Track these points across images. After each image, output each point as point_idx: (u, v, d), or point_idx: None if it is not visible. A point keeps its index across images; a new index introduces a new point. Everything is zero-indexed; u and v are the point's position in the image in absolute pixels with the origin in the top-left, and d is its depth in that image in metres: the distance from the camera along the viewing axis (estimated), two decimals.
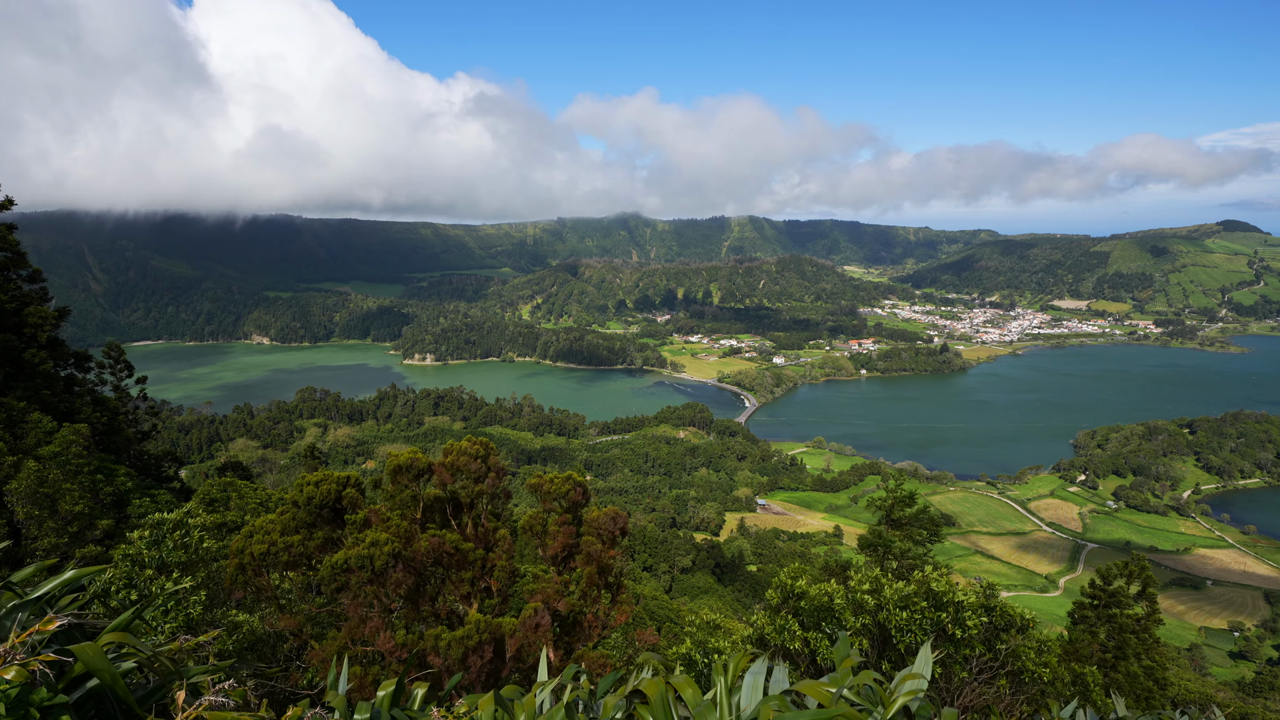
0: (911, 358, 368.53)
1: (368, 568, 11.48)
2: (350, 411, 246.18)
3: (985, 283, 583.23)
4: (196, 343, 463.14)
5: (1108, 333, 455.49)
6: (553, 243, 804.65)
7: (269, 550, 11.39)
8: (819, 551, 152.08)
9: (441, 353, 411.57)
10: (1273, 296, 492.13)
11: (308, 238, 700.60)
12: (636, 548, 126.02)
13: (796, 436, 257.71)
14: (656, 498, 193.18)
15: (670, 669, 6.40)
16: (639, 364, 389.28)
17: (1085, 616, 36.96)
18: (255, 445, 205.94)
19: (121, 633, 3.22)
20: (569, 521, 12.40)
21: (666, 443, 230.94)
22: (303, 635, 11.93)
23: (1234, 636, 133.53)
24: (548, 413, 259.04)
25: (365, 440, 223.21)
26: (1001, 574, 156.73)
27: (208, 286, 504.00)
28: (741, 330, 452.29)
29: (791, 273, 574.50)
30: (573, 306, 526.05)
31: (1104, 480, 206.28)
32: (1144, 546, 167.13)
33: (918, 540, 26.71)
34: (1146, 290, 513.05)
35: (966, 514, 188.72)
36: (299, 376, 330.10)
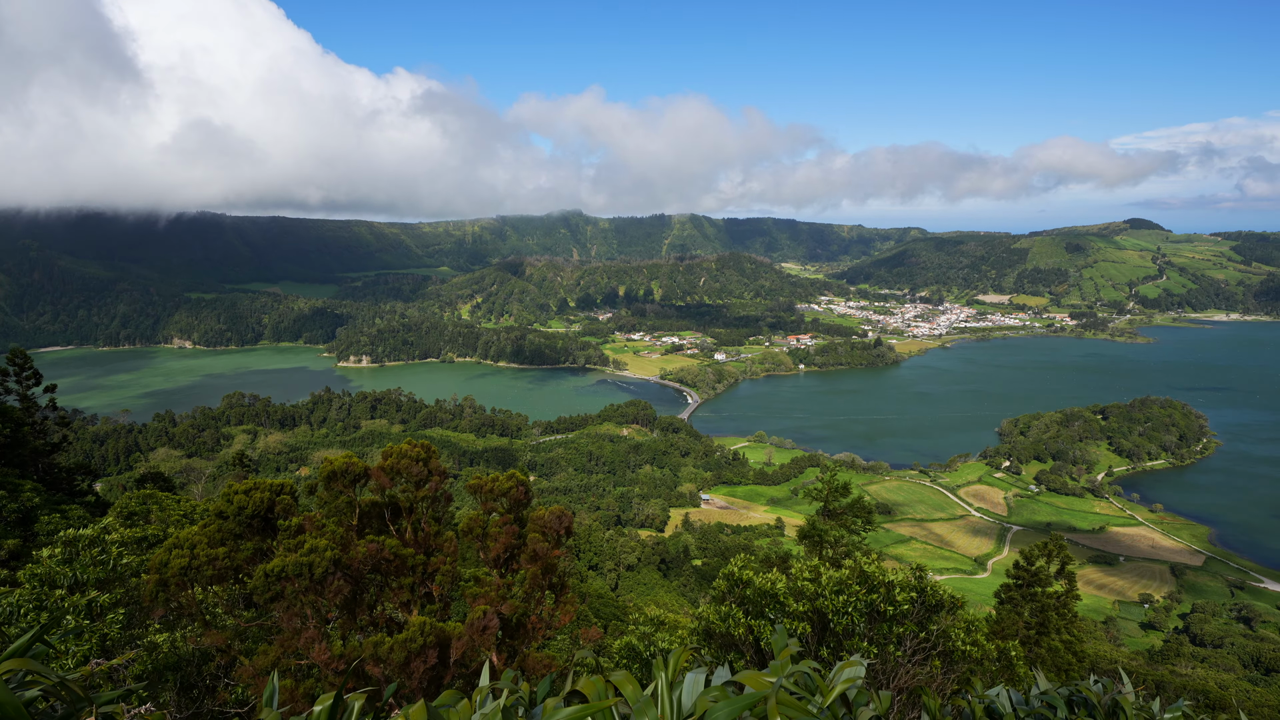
0: (847, 352, 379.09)
1: (306, 575, 11.09)
2: (282, 417, 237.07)
3: (916, 278, 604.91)
4: (111, 348, 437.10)
5: (1028, 325, 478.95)
6: (493, 241, 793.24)
7: (192, 564, 10.87)
8: (762, 544, 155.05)
9: (378, 354, 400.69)
10: (1174, 290, 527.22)
11: (232, 236, 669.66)
12: (582, 546, 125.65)
13: (739, 431, 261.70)
14: (601, 496, 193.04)
15: (605, 666, 6.42)
16: (581, 362, 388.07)
17: (1011, 596, 38.90)
18: (179, 455, 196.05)
19: (21, 659, 2.99)
20: (511, 522, 12.27)
21: (610, 441, 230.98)
22: (231, 651, 11.45)
23: (1144, 608, 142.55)
24: (490, 413, 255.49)
25: (298, 446, 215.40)
26: (934, 558, 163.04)
27: (123, 288, 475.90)
28: (683, 327, 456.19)
29: (731, 270, 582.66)
30: (514, 306, 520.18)
31: (1027, 465, 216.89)
32: (1063, 527, 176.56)
33: (852, 529, 27.55)
34: (1062, 285, 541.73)
35: (901, 501, 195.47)
36: (231, 381, 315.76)
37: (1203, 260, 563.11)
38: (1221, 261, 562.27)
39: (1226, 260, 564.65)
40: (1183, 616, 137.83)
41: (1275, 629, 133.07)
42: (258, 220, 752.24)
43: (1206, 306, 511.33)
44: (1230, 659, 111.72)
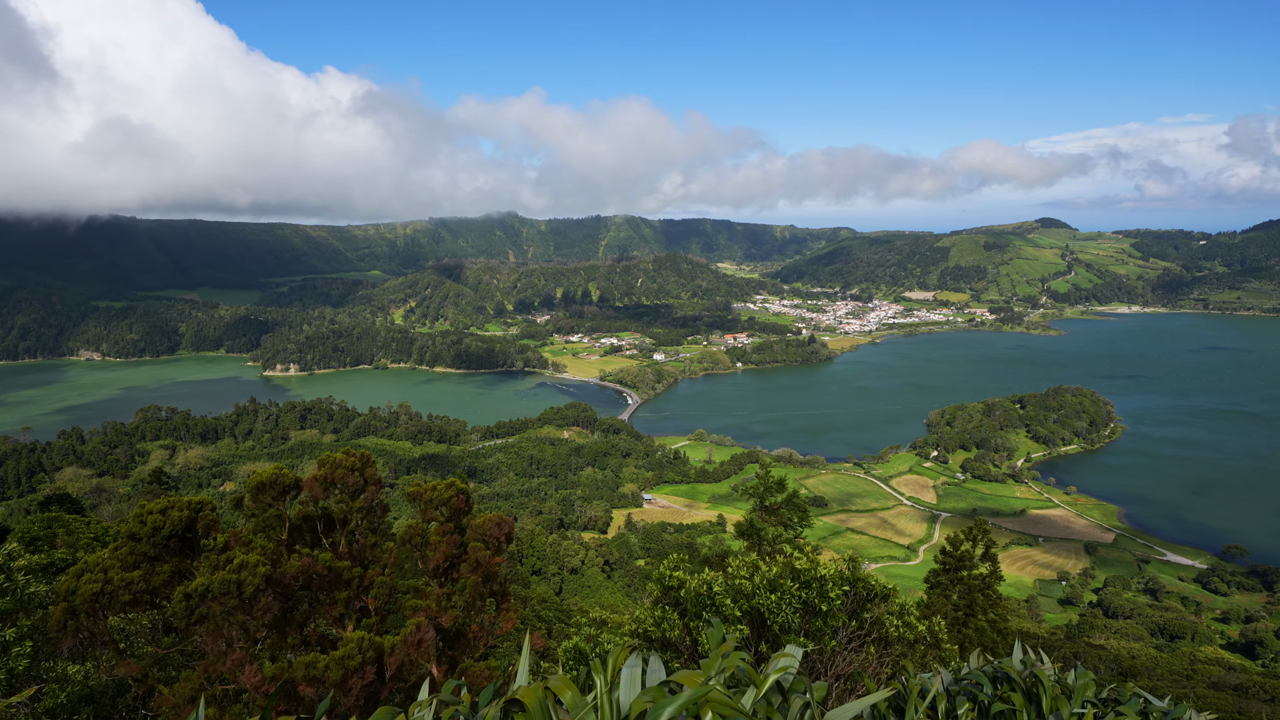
0: (782, 349, 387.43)
1: (234, 594, 10.58)
2: (203, 430, 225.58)
3: (847, 277, 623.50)
4: (10, 362, 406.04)
5: (951, 320, 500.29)
6: (428, 244, 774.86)
7: (105, 589, 10.23)
8: (704, 541, 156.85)
9: (307, 362, 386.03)
10: (1081, 285, 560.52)
11: (145, 241, 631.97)
12: (525, 552, 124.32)
13: (679, 430, 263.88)
14: (543, 500, 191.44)
15: (548, 670, 6.39)
16: (520, 366, 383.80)
17: (939, 580, 40.53)
18: (88, 474, 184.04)
19: None
20: (451, 531, 12.03)
21: (551, 444, 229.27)
22: (149, 680, 10.82)
23: (1062, 585, 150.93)
24: (426, 420, 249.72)
25: (222, 460, 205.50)
26: (869, 548, 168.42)
27: (21, 297, 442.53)
28: (622, 328, 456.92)
29: (668, 270, 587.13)
30: (449, 309, 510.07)
31: (953, 455, 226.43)
32: (988, 511, 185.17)
33: (788, 523, 28.19)
34: (982, 281, 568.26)
35: (837, 494, 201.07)
36: (150, 394, 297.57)
37: (1106, 257, 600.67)
38: (1123, 258, 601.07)
39: (1127, 256, 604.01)
40: (1096, 591, 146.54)
41: (1177, 599, 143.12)
42: (174, 224, 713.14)
43: (1111, 300, 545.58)
44: (1139, 629, 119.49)
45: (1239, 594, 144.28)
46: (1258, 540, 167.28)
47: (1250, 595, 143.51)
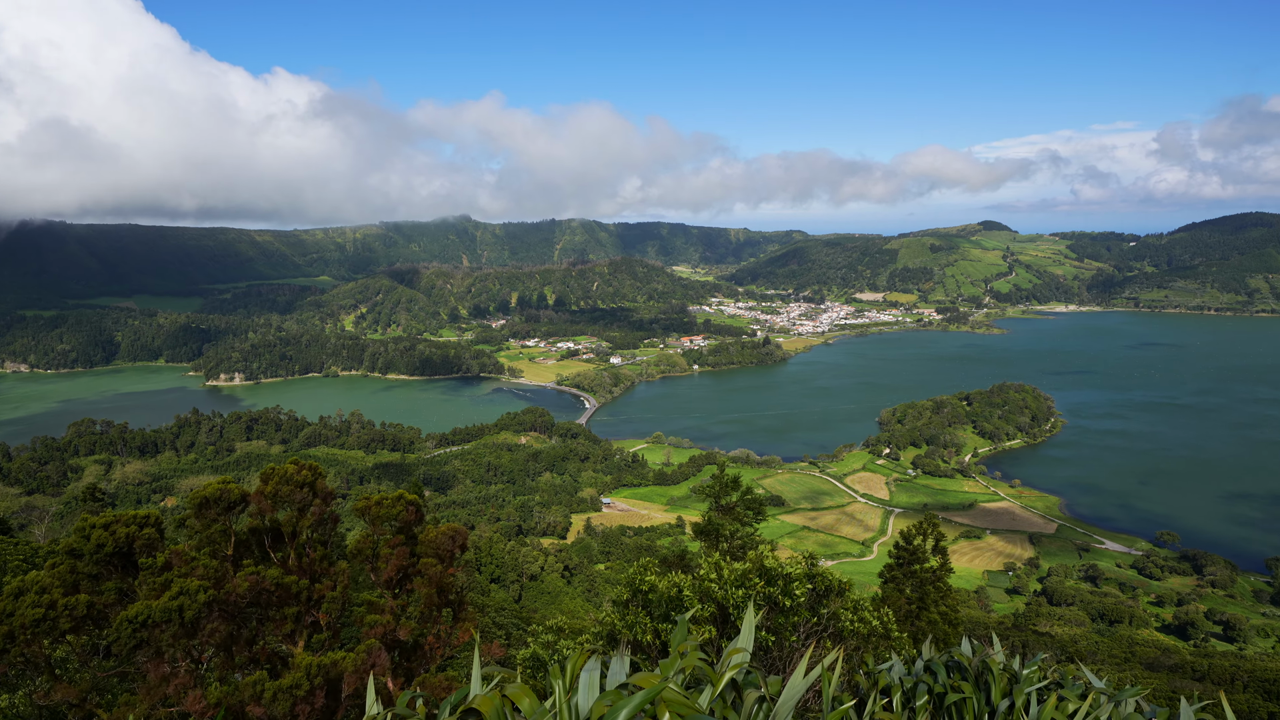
0: (738, 351, 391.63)
1: (175, 620, 10.15)
2: (142, 443, 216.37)
3: (800, 279, 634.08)
4: None
5: (900, 321, 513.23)
6: (380, 249, 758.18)
7: (46, 615, 9.71)
8: (664, 543, 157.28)
9: (253, 371, 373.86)
10: (1022, 285, 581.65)
11: (76, 247, 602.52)
12: (483, 560, 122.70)
13: (637, 433, 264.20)
14: (501, 506, 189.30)
15: (507, 678, 6.32)
16: (476, 371, 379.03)
17: (893, 575, 41.53)
18: (16, 492, 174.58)
19: None
20: (402, 543, 11.79)
21: (508, 450, 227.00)
22: (86, 706, 10.32)
23: (1009, 576, 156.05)
24: (379, 428, 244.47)
25: (163, 475, 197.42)
26: (825, 544, 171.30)
27: None
28: (578, 332, 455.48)
29: (624, 274, 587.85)
30: (401, 315, 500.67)
31: (904, 451, 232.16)
32: (938, 506, 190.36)
33: (745, 521, 28.49)
34: (929, 282, 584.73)
35: (793, 493, 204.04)
36: (88, 407, 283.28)
37: (1045, 258, 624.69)
38: (1060, 259, 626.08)
39: (1064, 257, 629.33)
40: (1041, 580, 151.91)
41: (1115, 585, 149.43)
42: (109, 229, 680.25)
43: (1049, 299, 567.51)
44: (1081, 614, 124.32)
45: (1172, 578, 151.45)
46: (1191, 525, 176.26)
47: (1182, 579, 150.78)
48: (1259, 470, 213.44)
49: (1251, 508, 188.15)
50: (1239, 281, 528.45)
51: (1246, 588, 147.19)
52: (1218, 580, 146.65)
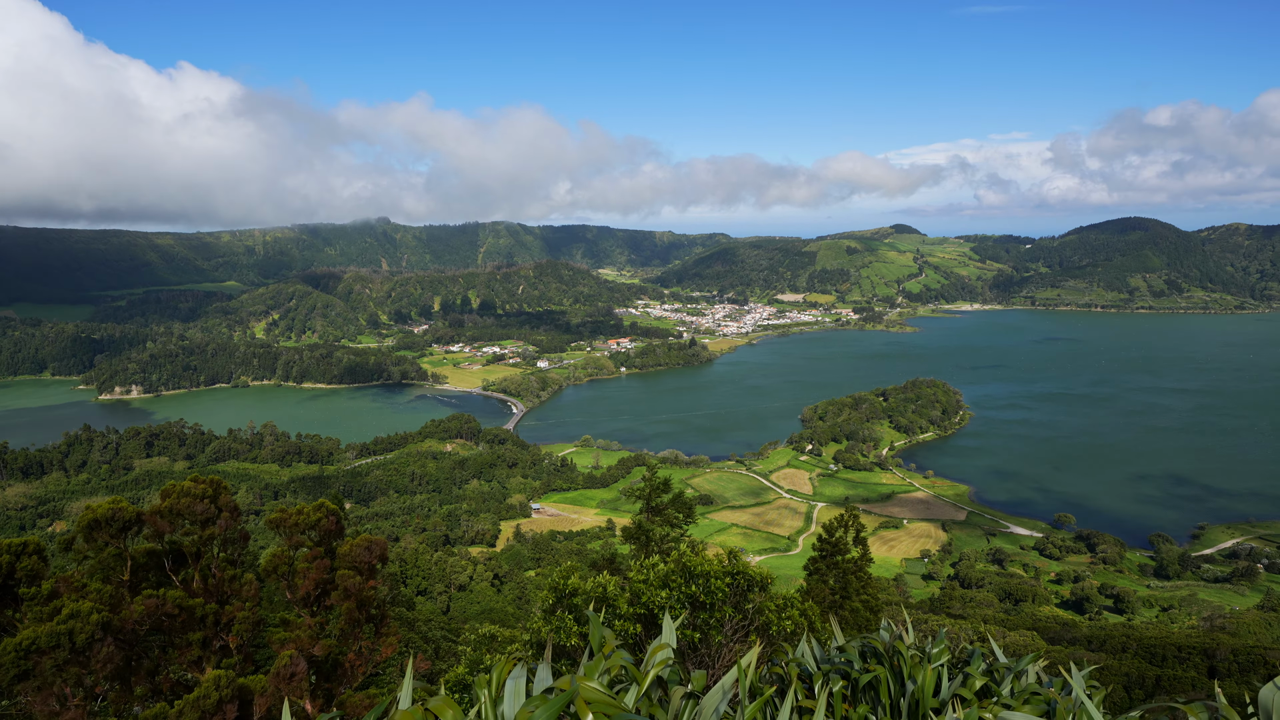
0: (665, 353, 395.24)
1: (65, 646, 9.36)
2: (25, 464, 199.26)
3: (724, 281, 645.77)
4: None
5: (820, 320, 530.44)
6: (295, 252, 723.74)
7: None
8: (595, 546, 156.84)
9: (152, 383, 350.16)
10: (932, 285, 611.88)
11: None
12: (409, 572, 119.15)
13: (565, 437, 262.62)
14: (427, 516, 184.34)
15: (431, 691, 6.18)
16: (398, 378, 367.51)
17: (817, 567, 42.87)
18: None
19: None
20: (321, 556, 11.30)
21: (434, 458, 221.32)
22: None
23: (924, 562, 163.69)
24: (295, 440, 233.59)
25: (50, 498, 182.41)
26: (753, 541, 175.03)
27: None
28: (504, 336, 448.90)
29: (550, 277, 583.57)
30: (317, 321, 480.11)
31: (826, 447, 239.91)
32: (858, 499, 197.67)
33: (675, 523, 28.79)
34: (845, 283, 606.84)
35: (721, 491, 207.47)
36: None
37: (951, 260, 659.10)
38: (964, 260, 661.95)
39: (968, 259, 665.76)
40: (954, 565, 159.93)
41: (1020, 566, 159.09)
42: None
43: (956, 299, 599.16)
44: (990, 596, 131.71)
45: (1069, 557, 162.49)
46: (1094, 506, 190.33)
47: (1078, 557, 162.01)
48: (1149, 453, 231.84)
49: (1150, 487, 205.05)
50: (1121, 281, 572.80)
51: (1134, 562, 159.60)
52: (1108, 557, 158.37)
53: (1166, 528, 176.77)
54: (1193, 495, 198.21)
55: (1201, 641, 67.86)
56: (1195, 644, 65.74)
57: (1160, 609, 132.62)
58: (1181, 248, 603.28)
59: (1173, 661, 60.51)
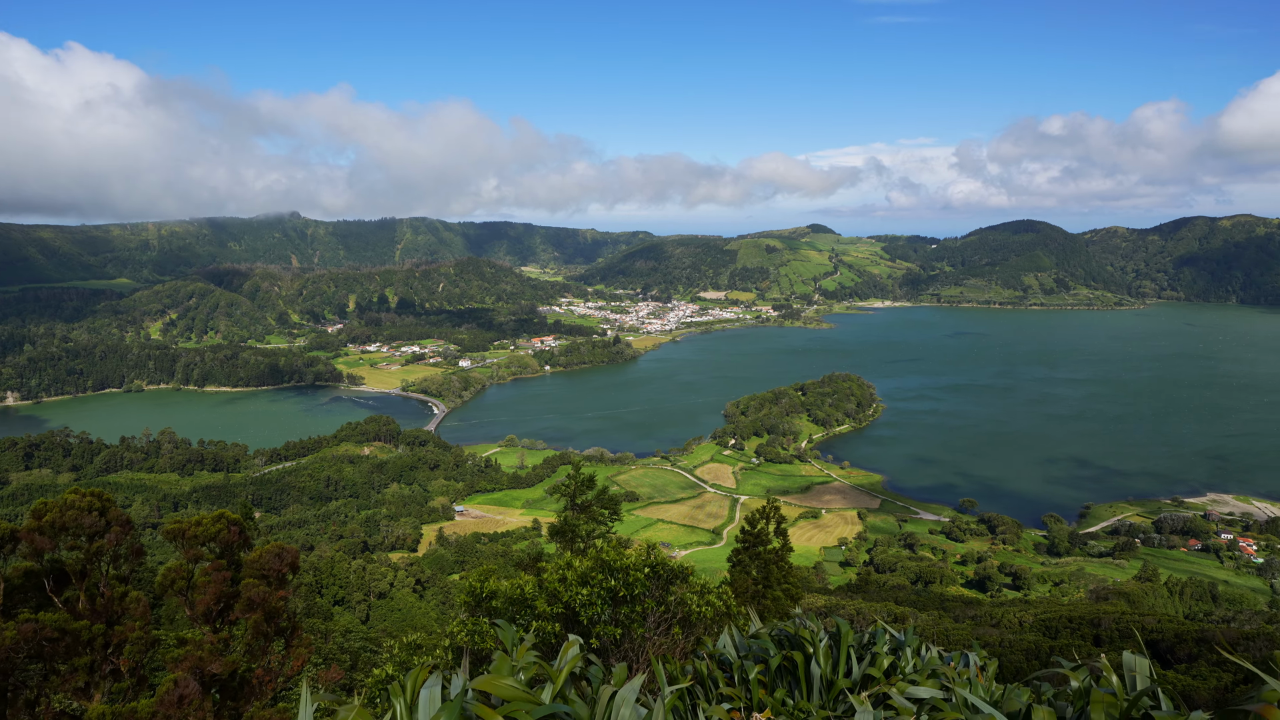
0: (590, 351, 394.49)
1: None
2: None
3: (647, 278, 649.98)
4: None
5: (741, 318, 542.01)
6: (197, 247, 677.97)
7: None
8: (521, 547, 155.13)
9: (31, 389, 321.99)
10: (846, 283, 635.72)
11: None
12: (324, 581, 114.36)
13: (489, 438, 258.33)
14: (344, 523, 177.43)
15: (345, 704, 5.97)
16: (310, 380, 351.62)
17: (740, 559, 43.85)
18: None
19: None
20: (224, 568, 10.67)
21: (350, 462, 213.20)
22: None
23: (842, 549, 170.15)
24: (197, 447, 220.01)
25: None
26: (679, 536, 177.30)
27: None
28: (423, 335, 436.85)
29: (471, 275, 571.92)
30: (221, 321, 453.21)
31: (748, 441, 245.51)
32: (779, 491, 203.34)
33: (600, 520, 28.84)
34: (765, 281, 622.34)
35: (647, 488, 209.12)
36: None
37: (864, 259, 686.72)
38: (876, 259, 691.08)
39: (879, 258, 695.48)
40: (869, 551, 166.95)
41: (929, 549, 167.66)
42: None
43: (869, 296, 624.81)
44: (903, 579, 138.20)
45: (972, 539, 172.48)
46: (1005, 489, 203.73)
47: (980, 540, 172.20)
48: (1049, 439, 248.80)
49: (1049, 471, 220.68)
50: (1016, 279, 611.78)
51: (1029, 542, 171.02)
52: (1007, 538, 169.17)
53: (1067, 506, 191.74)
54: (1090, 477, 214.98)
55: (1088, 613, 73.45)
56: (1083, 615, 71.10)
57: (1053, 584, 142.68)
58: (1068, 249, 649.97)
59: (1064, 633, 65.21)
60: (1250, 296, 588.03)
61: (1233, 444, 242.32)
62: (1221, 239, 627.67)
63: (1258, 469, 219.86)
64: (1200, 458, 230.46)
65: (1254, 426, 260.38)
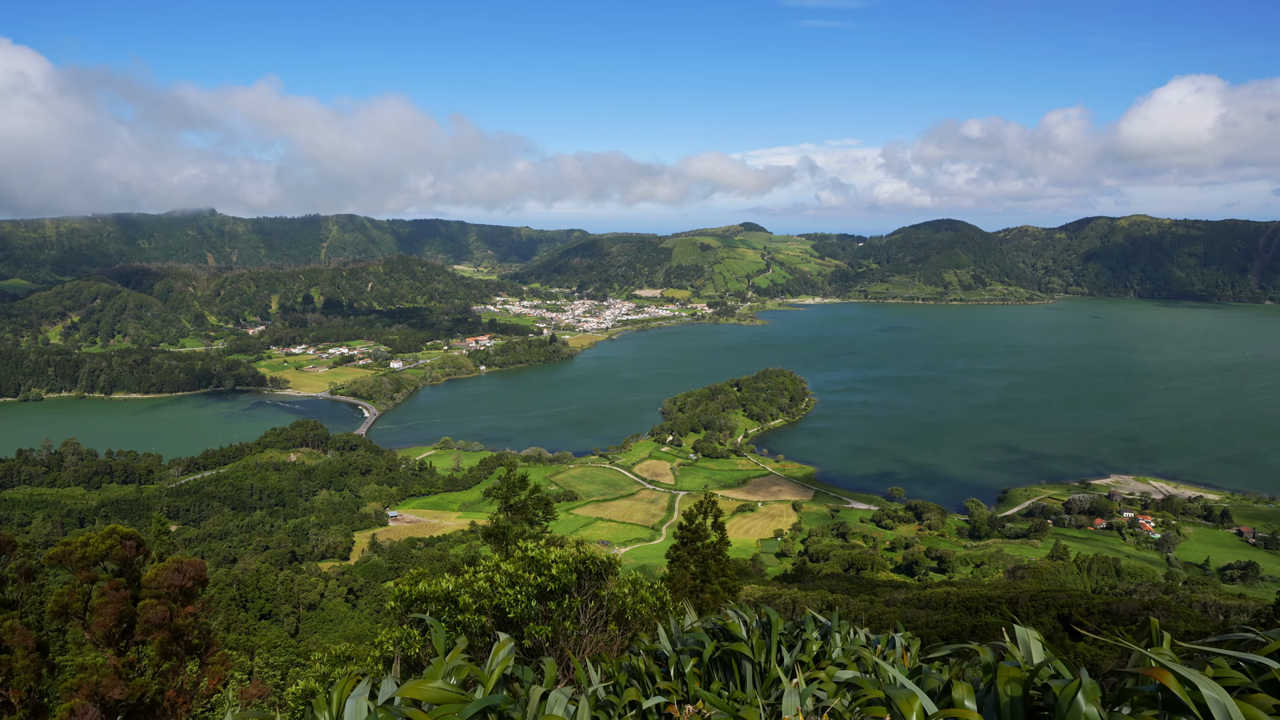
0: (525, 350, 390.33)
1: None
2: None
3: (583, 276, 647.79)
4: None
5: (676, 315, 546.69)
6: (103, 244, 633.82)
7: None
8: (458, 551, 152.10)
9: None
10: (778, 281, 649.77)
11: None
12: (249, 594, 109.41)
13: (424, 440, 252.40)
14: (269, 533, 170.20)
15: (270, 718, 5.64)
16: (230, 385, 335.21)
17: (678, 554, 44.18)
18: None
19: None
20: (121, 587, 9.95)
21: (276, 469, 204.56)
22: None
23: (778, 541, 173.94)
24: (105, 459, 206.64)
25: None
26: (618, 534, 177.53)
27: None
28: (352, 336, 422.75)
29: (402, 274, 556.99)
30: (129, 324, 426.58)
31: (686, 437, 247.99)
32: (717, 485, 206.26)
33: (534, 520, 28.52)
34: (700, 279, 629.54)
35: (585, 486, 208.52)
36: None
37: (796, 256, 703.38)
38: (807, 257, 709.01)
39: (809, 256, 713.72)
40: (804, 542, 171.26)
41: (860, 537, 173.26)
42: None
43: (800, 293, 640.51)
44: (836, 567, 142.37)
45: (901, 526, 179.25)
46: (927, 477, 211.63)
47: (908, 526, 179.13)
48: (973, 427, 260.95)
49: (976, 457, 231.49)
50: (938, 276, 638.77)
51: (953, 526, 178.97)
52: (933, 524, 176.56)
53: (989, 490, 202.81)
54: (1009, 462, 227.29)
55: (1006, 592, 77.42)
56: (1001, 594, 74.90)
57: (974, 565, 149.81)
58: (985, 246, 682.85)
59: (984, 611, 68.52)
60: (1147, 290, 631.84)
61: (1136, 428, 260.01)
62: (1121, 237, 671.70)
63: (1159, 450, 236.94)
64: (1108, 441, 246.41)
65: (1155, 411, 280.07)
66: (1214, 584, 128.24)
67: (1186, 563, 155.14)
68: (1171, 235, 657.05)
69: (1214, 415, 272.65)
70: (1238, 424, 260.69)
